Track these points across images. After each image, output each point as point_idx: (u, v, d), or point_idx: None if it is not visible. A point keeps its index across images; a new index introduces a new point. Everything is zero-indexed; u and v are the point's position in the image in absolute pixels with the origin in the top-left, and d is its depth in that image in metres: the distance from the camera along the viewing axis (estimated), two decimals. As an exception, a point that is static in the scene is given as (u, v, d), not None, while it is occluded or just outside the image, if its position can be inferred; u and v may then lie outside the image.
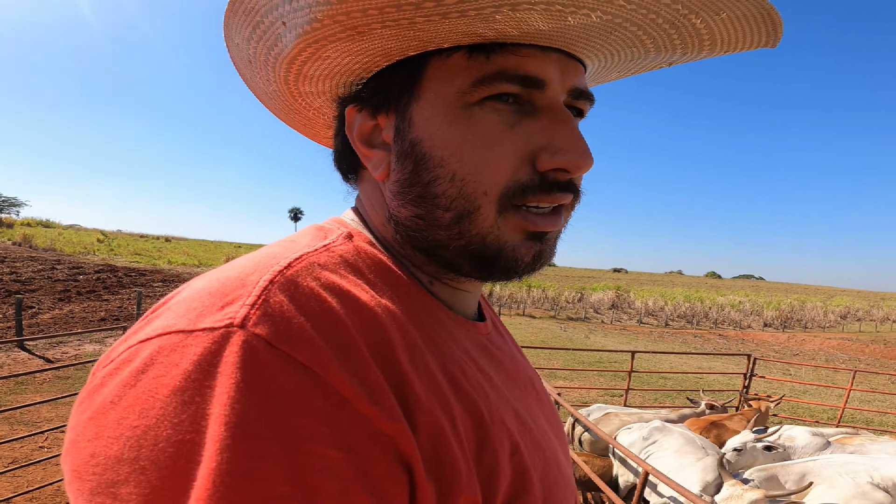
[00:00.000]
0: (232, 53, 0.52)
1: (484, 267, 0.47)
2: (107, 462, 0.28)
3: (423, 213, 0.46)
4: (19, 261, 21.44)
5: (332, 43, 0.43)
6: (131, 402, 0.29)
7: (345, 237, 0.47)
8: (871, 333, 35.24)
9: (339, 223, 0.51)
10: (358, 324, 0.37)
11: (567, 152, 0.44)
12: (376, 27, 0.41)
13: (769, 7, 0.42)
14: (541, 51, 0.44)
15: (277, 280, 0.36)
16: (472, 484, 0.38)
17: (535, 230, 0.46)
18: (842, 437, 4.12)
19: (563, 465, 0.54)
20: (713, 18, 0.42)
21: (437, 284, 0.51)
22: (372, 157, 0.49)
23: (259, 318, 0.33)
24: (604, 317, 34.44)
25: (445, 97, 0.44)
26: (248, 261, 0.40)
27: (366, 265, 0.45)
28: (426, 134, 0.45)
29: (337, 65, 0.47)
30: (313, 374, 0.32)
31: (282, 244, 0.44)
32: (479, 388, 0.45)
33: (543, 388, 0.64)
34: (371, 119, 0.49)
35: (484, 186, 0.44)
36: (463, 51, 0.43)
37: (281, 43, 0.45)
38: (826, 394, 10.44)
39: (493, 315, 0.65)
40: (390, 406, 0.34)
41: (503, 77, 0.43)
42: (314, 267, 0.40)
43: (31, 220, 59.97)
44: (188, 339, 0.31)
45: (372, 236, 0.51)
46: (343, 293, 0.39)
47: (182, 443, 0.28)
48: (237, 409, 0.29)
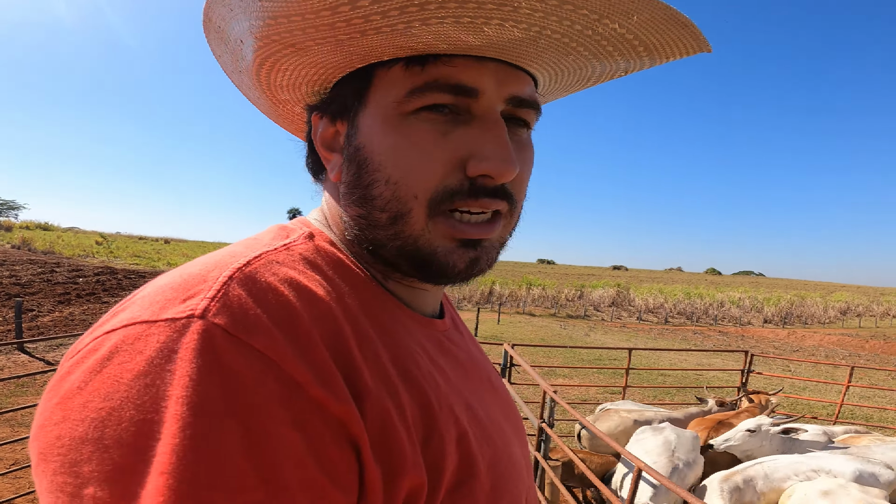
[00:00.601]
0: (219, 61, 0.57)
1: (420, 269, 0.50)
2: (71, 443, 0.30)
3: (364, 214, 0.49)
4: (18, 264, 21.43)
5: (283, 58, 0.48)
6: (97, 387, 0.31)
7: (306, 237, 0.50)
8: (870, 329, 35.23)
9: (303, 223, 0.54)
10: (312, 315, 0.39)
11: (490, 159, 0.46)
12: (311, 44, 0.45)
13: (674, 12, 0.43)
14: (476, 61, 0.46)
15: (237, 276, 0.39)
16: (417, 466, 0.40)
17: (464, 237, 0.48)
18: (848, 437, 4.02)
19: (515, 457, 0.56)
20: (630, 22, 0.43)
21: (392, 282, 0.54)
22: (331, 160, 0.53)
23: (218, 309, 0.35)
24: (604, 314, 34.43)
25: (384, 106, 0.47)
26: (209, 258, 0.42)
27: (325, 263, 0.48)
28: (367, 140, 0.48)
29: (297, 76, 0.51)
30: (268, 360, 0.34)
31: (244, 243, 0.47)
32: (430, 378, 0.48)
33: (501, 385, 0.67)
34: (331, 125, 0.53)
35: (414, 191, 0.46)
36: (401, 63, 0.46)
37: (245, 57, 0.50)
38: (826, 390, 10.45)
39: (454, 314, 0.69)
40: (340, 391, 0.37)
41: (435, 87, 0.45)
42: (272, 264, 0.42)
43: (29, 222, 59.97)
44: (151, 329, 0.34)
45: (333, 236, 0.54)
46: (299, 287, 0.41)
47: (144, 422, 0.30)
48: (197, 390, 0.31)
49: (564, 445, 3.28)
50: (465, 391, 0.53)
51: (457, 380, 0.53)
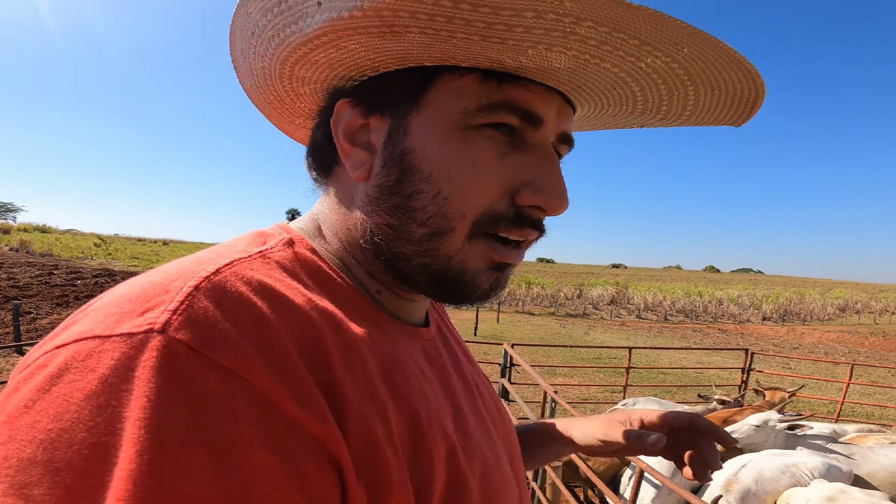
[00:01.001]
0: (237, 21, 0.49)
1: (440, 287, 0.48)
2: (19, 464, 0.28)
3: (395, 224, 0.46)
4: (16, 266, 21.39)
5: (360, 35, 0.42)
6: (45, 407, 0.29)
7: (284, 243, 0.46)
8: (869, 326, 35.28)
9: (283, 229, 0.50)
10: (288, 326, 0.36)
11: (548, 192, 0.45)
12: (414, 31, 0.40)
13: (760, 90, 0.47)
14: (546, 90, 0.46)
15: (203, 286, 0.35)
16: (404, 487, 0.38)
17: (501, 261, 0.47)
18: (856, 436, 3.93)
19: (505, 469, 0.54)
20: (707, 93, 0.47)
21: (386, 294, 0.51)
22: (353, 155, 0.48)
23: (181, 323, 0.32)
24: (603, 313, 34.44)
25: (448, 114, 0.44)
26: (174, 266, 0.38)
27: (304, 271, 0.44)
28: (420, 146, 0.45)
29: (348, 57, 0.46)
30: (239, 379, 0.31)
31: (214, 250, 0.43)
32: (419, 391, 0.45)
33: (491, 392, 0.65)
34: (362, 118, 0.48)
35: (463, 209, 0.44)
36: (477, 73, 0.44)
37: (304, 22, 0.43)
38: (826, 387, 10.44)
39: (441, 320, 0.66)
40: (319, 409, 0.34)
41: (508, 108, 0.44)
42: (245, 272, 0.39)
43: (27, 225, 59.90)
44: (105, 345, 0.30)
45: (318, 244, 0.50)
46: (274, 297, 0.38)
47: (97, 445, 0.27)
48: (157, 412, 0.28)
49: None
50: (454, 402, 0.51)
51: (445, 390, 0.51)
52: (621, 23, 0.38)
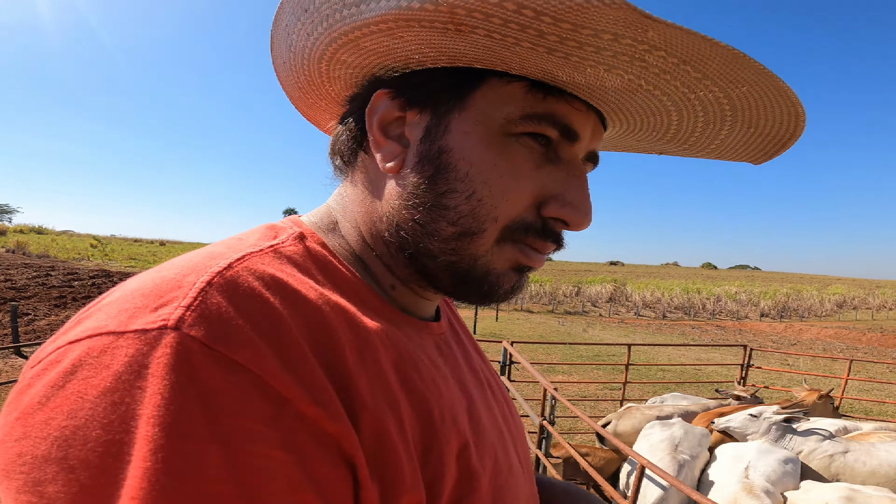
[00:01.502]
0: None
1: (463, 286, 0.48)
2: (34, 461, 0.28)
3: (424, 221, 0.46)
4: (13, 268, 21.33)
5: (423, 28, 0.41)
6: (59, 403, 0.29)
7: (296, 237, 0.46)
8: (867, 322, 35.42)
9: (294, 223, 0.50)
10: (301, 322, 0.36)
11: (574, 208, 0.46)
12: (480, 33, 0.40)
13: (797, 133, 0.47)
14: (586, 107, 0.46)
15: (216, 281, 0.35)
16: (416, 484, 0.38)
17: (528, 264, 0.48)
18: (857, 434, 3.90)
19: (515, 466, 0.54)
20: (742, 130, 0.47)
21: (401, 289, 0.51)
22: (385, 146, 0.48)
23: (195, 319, 0.32)
24: (601, 310, 34.49)
25: (491, 118, 0.44)
26: (186, 261, 0.38)
27: (315, 266, 0.44)
28: (458, 145, 0.45)
29: (401, 48, 0.45)
30: (252, 375, 0.31)
31: (226, 243, 0.43)
32: (432, 386, 0.45)
33: (501, 388, 0.65)
34: (399, 110, 0.47)
35: (496, 213, 0.45)
36: (525, 82, 0.44)
37: (367, 5, 0.41)
38: (824, 383, 10.48)
39: (452, 315, 0.66)
40: (333, 406, 0.34)
41: (550, 120, 0.44)
42: (257, 266, 0.38)
43: (23, 226, 59.72)
44: (119, 341, 0.30)
45: (330, 239, 0.50)
46: (287, 292, 0.38)
47: (111, 443, 0.27)
48: (171, 410, 0.28)
49: (565, 442, 3.27)
50: (467, 397, 0.51)
51: (457, 385, 0.51)
52: (693, 56, 0.38)
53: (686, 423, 3.70)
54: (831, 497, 2.72)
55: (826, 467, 3.38)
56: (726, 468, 3.17)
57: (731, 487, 2.92)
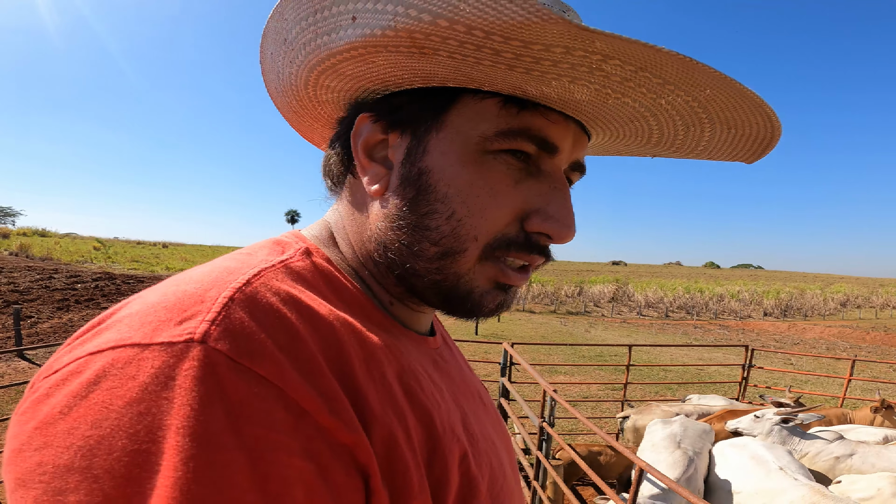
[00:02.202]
0: (270, 25, 0.49)
1: (449, 303, 0.49)
2: (55, 471, 0.28)
3: (409, 241, 0.47)
4: (16, 271, 21.39)
5: (390, 53, 0.43)
6: (83, 413, 0.29)
7: (302, 253, 0.47)
8: (870, 320, 35.31)
9: (298, 238, 0.51)
10: (316, 338, 0.38)
11: (557, 221, 0.46)
12: (443, 54, 0.41)
13: (777, 134, 0.47)
14: (564, 119, 0.46)
15: (237, 297, 0.36)
16: (423, 490, 0.39)
17: (507, 282, 0.48)
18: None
19: (508, 473, 0.56)
20: (723, 132, 0.48)
21: (398, 305, 0.52)
22: (370, 169, 0.49)
23: (220, 334, 0.33)
24: (604, 310, 34.46)
25: (467, 137, 0.45)
26: (203, 276, 0.39)
27: (323, 282, 0.46)
28: (437, 166, 0.46)
29: (375, 71, 0.46)
30: (275, 388, 0.32)
31: (236, 258, 0.44)
32: (432, 398, 0.46)
33: (490, 400, 0.67)
34: (382, 133, 0.49)
35: (476, 232, 0.45)
36: (499, 99, 0.45)
37: (336, 34, 0.44)
38: (828, 383, 10.45)
39: (443, 330, 0.68)
40: (348, 417, 0.35)
41: (526, 135, 0.45)
42: (273, 283, 0.40)
43: (27, 229, 59.88)
44: (145, 353, 0.31)
45: (332, 253, 0.51)
46: (302, 308, 0.39)
47: (138, 452, 0.28)
48: (200, 420, 0.29)
49: (565, 444, 3.27)
50: (461, 408, 0.53)
51: (453, 397, 0.53)
52: (648, 62, 0.38)
53: (687, 419, 3.70)
54: (883, 484, 2.67)
55: (830, 468, 3.34)
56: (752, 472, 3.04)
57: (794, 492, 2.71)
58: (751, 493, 2.92)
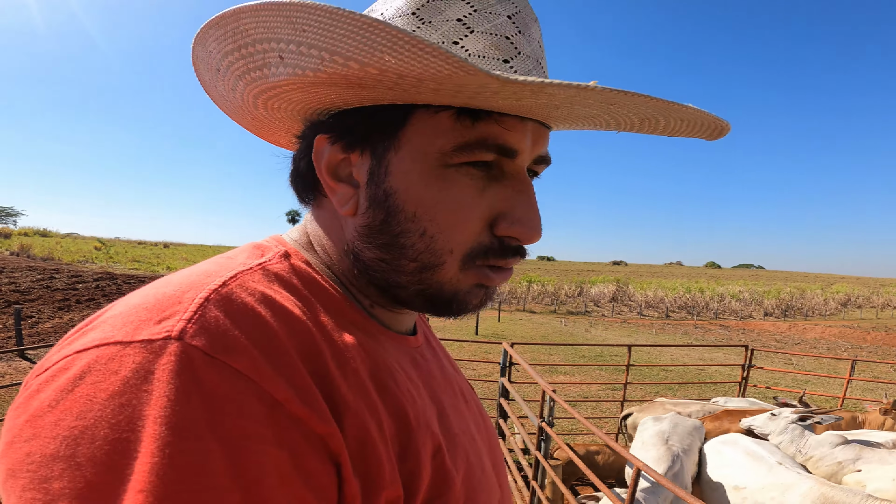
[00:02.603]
0: (197, 54, 0.50)
1: (435, 307, 0.50)
2: (42, 460, 0.29)
3: (388, 259, 0.48)
4: (18, 271, 21.42)
5: (328, 87, 0.44)
6: (69, 406, 0.31)
7: (281, 255, 0.49)
8: (871, 320, 35.24)
9: (279, 242, 0.52)
10: (289, 334, 0.39)
11: (522, 224, 0.47)
12: (383, 87, 0.42)
13: (726, 127, 0.49)
14: (520, 121, 0.46)
15: (213, 297, 0.38)
16: (394, 481, 0.41)
17: (488, 284, 0.50)
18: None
19: (488, 469, 0.57)
20: (676, 123, 0.49)
21: (379, 309, 0.53)
22: (338, 190, 0.49)
23: (196, 331, 0.35)
24: (604, 310, 34.42)
25: (425, 154, 0.45)
26: (183, 278, 0.41)
27: (300, 282, 0.47)
28: (402, 187, 0.46)
29: (320, 98, 0.47)
30: (249, 381, 0.34)
31: (217, 262, 0.46)
32: (406, 394, 0.48)
33: (474, 397, 0.69)
34: (342, 152, 0.49)
35: (451, 245, 0.46)
36: (451, 111, 0.45)
37: (269, 70, 0.45)
38: (828, 383, 10.44)
39: (427, 330, 0.69)
40: (320, 408, 0.37)
41: (483, 145, 0.45)
42: (248, 284, 0.42)
43: (28, 229, 60.00)
44: (126, 350, 0.33)
45: (311, 256, 0.52)
46: (276, 307, 0.41)
47: (119, 441, 0.29)
48: (177, 411, 0.30)
49: (564, 444, 3.27)
50: (439, 405, 0.54)
51: (431, 394, 0.54)
52: (583, 97, 0.41)
53: (678, 416, 3.73)
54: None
55: (834, 474, 3.29)
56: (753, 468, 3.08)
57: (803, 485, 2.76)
58: (758, 489, 2.92)
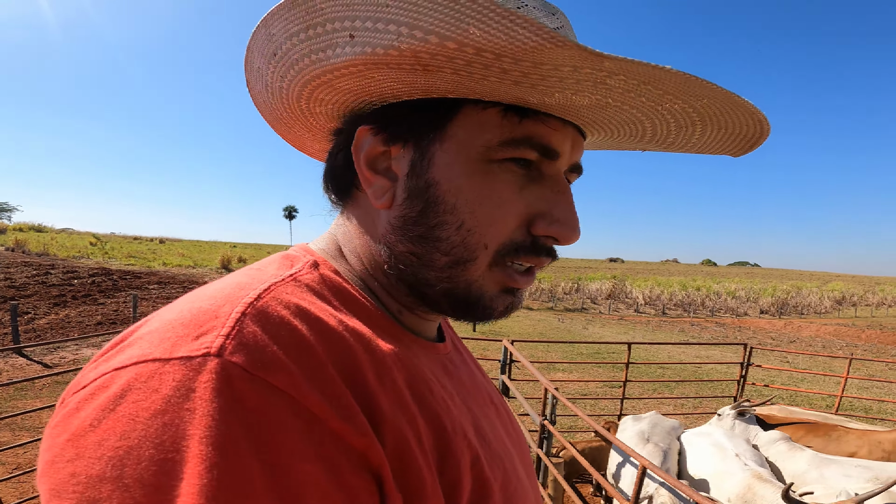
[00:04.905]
0: (256, 39, 0.49)
1: (460, 309, 0.50)
2: (88, 481, 0.29)
3: (420, 252, 0.48)
4: (13, 266, 21.32)
5: (391, 70, 0.43)
6: (112, 425, 0.30)
7: (310, 266, 0.48)
8: (866, 318, 35.49)
9: (306, 251, 0.52)
10: (326, 348, 0.39)
11: (562, 224, 0.48)
12: (447, 71, 0.42)
13: (766, 134, 0.49)
14: (562, 124, 0.47)
15: (249, 312, 0.38)
16: (435, 493, 0.40)
17: (514, 286, 0.50)
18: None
19: (522, 476, 0.57)
20: (714, 131, 0.49)
21: (407, 314, 0.53)
22: (374, 182, 0.49)
23: (234, 347, 0.34)
24: (601, 307, 34.53)
25: (471, 148, 0.46)
26: (217, 292, 0.40)
27: (331, 293, 0.47)
28: (444, 178, 0.46)
29: (374, 86, 0.47)
30: (288, 397, 0.34)
31: (248, 273, 0.45)
32: (442, 403, 0.47)
33: (503, 402, 0.67)
34: (384, 145, 0.49)
35: (486, 240, 0.46)
36: (500, 108, 0.45)
37: (333, 51, 0.43)
38: (824, 381, 10.52)
39: (454, 335, 0.69)
40: (360, 422, 0.36)
41: (528, 143, 0.46)
42: (283, 296, 0.41)
43: (23, 224, 59.69)
44: (166, 367, 0.33)
45: (340, 265, 0.52)
46: (311, 319, 0.40)
47: (164, 461, 0.29)
48: (221, 430, 0.30)
49: (566, 441, 3.28)
50: (472, 413, 0.54)
51: (463, 402, 0.53)
52: (650, 77, 0.39)
53: (657, 416, 3.85)
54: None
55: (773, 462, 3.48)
56: (712, 456, 3.28)
57: (738, 475, 2.99)
58: (709, 475, 3.21)
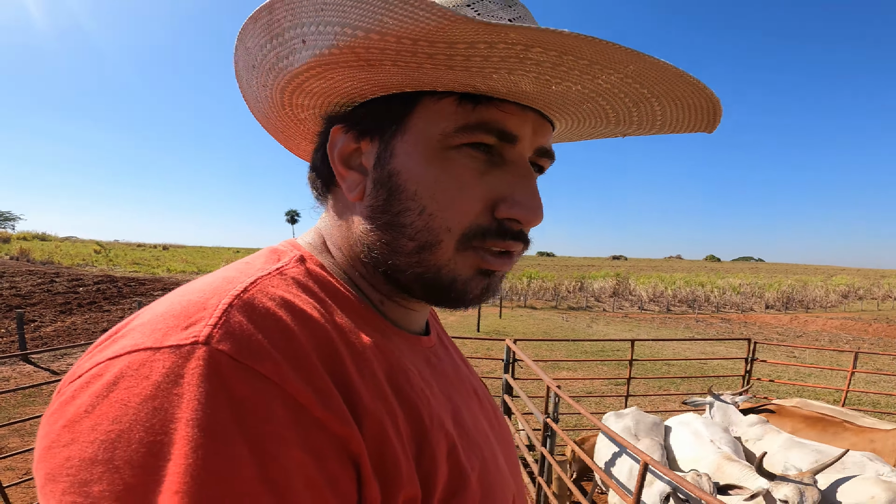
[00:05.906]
0: (238, 55, 0.54)
1: (434, 293, 0.52)
2: (81, 464, 0.31)
3: (388, 240, 0.50)
4: (18, 275, 21.42)
5: (342, 68, 0.47)
6: (105, 411, 0.32)
7: (297, 260, 0.51)
8: (873, 312, 35.26)
9: (293, 246, 0.55)
10: (309, 338, 0.41)
11: (523, 206, 0.49)
12: (388, 64, 0.45)
13: (716, 100, 0.48)
14: (520, 109, 0.49)
15: (236, 303, 0.39)
16: (412, 480, 0.42)
17: (488, 268, 0.51)
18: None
19: (502, 465, 0.58)
20: (670, 104, 0.50)
21: (388, 304, 0.55)
22: (347, 177, 0.52)
23: (221, 336, 0.36)
24: (605, 305, 34.48)
25: (429, 136, 0.48)
26: (206, 285, 0.42)
27: (316, 286, 0.49)
28: (404, 167, 0.49)
29: (336, 86, 0.50)
30: (274, 385, 0.35)
31: (236, 268, 0.47)
32: (421, 394, 0.49)
33: (487, 395, 0.70)
34: (354, 142, 0.52)
35: (448, 224, 0.48)
36: (454, 97, 0.48)
37: (293, 57, 0.48)
38: (831, 376, 10.46)
39: (440, 330, 0.71)
40: (341, 411, 0.38)
41: (484, 128, 0.47)
42: (268, 289, 0.43)
43: (27, 233, 59.99)
44: (156, 355, 0.34)
45: (325, 259, 0.55)
46: (295, 311, 0.42)
47: (154, 443, 0.31)
48: (206, 413, 0.32)
49: (570, 440, 3.27)
50: (453, 403, 0.55)
51: (444, 394, 0.55)
52: (567, 47, 0.40)
53: (639, 412, 3.89)
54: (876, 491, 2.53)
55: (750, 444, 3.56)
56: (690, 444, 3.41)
57: (710, 457, 3.09)
58: (685, 461, 3.33)
